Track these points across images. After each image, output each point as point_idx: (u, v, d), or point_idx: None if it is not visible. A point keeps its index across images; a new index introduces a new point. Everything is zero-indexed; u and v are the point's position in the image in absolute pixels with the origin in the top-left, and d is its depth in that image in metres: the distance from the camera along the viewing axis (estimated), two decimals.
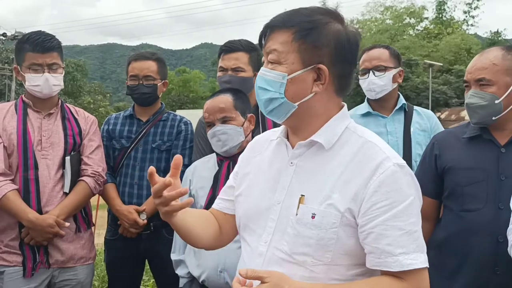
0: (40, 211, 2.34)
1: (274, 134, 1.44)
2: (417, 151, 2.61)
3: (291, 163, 1.33)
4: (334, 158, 1.28)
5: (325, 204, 1.24)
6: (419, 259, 1.21)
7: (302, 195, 1.27)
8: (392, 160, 1.24)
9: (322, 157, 1.29)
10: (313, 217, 1.24)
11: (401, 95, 2.78)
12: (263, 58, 1.36)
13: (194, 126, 2.81)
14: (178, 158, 1.32)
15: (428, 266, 1.24)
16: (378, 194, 1.21)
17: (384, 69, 2.65)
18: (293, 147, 1.34)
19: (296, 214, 1.27)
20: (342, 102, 1.36)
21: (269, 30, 1.31)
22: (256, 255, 1.33)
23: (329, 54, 1.26)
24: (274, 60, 1.28)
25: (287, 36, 1.26)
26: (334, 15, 1.29)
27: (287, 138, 1.38)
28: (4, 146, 2.36)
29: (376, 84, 2.65)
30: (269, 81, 1.29)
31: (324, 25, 1.26)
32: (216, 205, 1.56)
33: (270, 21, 1.32)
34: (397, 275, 1.22)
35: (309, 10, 1.30)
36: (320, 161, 1.29)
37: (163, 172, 2.75)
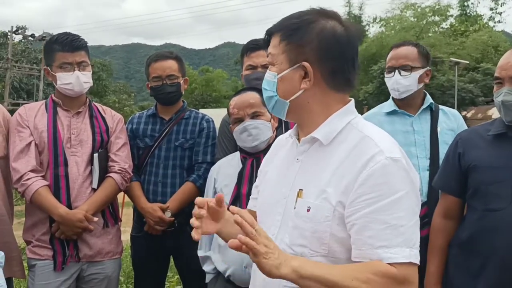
0: (69, 207, 2.40)
1: (289, 133, 1.50)
2: (445, 151, 2.56)
3: (297, 159, 1.40)
4: (333, 154, 1.32)
5: (320, 198, 1.28)
6: (402, 254, 1.20)
7: (300, 190, 1.33)
8: (385, 154, 1.24)
9: (323, 153, 1.34)
10: (308, 210, 1.29)
11: (428, 94, 2.71)
12: None
13: (217, 125, 2.84)
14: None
15: (415, 262, 1.22)
16: (364, 187, 1.22)
17: (410, 69, 2.57)
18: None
19: (295, 208, 1.32)
20: (349, 98, 1.40)
21: (268, 36, 1.40)
22: None
23: (314, 51, 1.31)
24: (269, 62, 1.38)
25: (277, 40, 1.35)
26: (324, 13, 1.34)
27: (298, 135, 1.44)
28: (35, 143, 2.44)
29: (400, 84, 2.58)
30: (266, 82, 1.39)
31: (309, 24, 1.32)
32: (249, 205, 1.64)
33: (269, 28, 1.40)
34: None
35: (300, 12, 1.37)
36: (320, 157, 1.34)
37: (186, 169, 2.79)
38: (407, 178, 1.26)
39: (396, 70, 2.59)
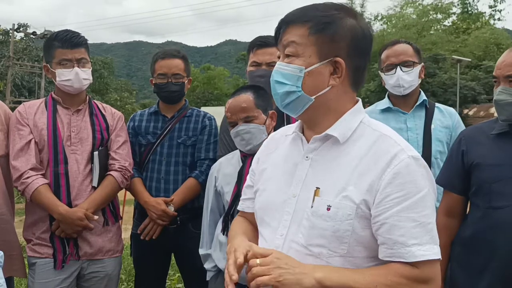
0: (70, 205, 2.39)
1: (289, 130, 1.46)
2: (438, 148, 2.58)
3: (307, 157, 1.35)
4: (349, 152, 1.30)
5: (341, 196, 1.26)
6: (432, 251, 1.22)
7: (317, 188, 1.30)
8: (407, 152, 1.26)
9: (337, 150, 1.31)
10: (328, 209, 1.26)
11: (422, 92, 2.74)
12: (278, 53, 1.39)
13: (219, 123, 2.83)
14: None
15: (440, 258, 1.23)
16: (392, 186, 1.22)
17: (412, 64, 2.62)
18: (308, 142, 1.37)
19: (312, 207, 1.29)
20: (357, 97, 1.38)
21: (285, 25, 1.33)
22: (272, 248, 1.34)
23: (346, 47, 1.28)
24: (292, 52, 1.31)
25: (304, 30, 1.29)
26: (347, 10, 1.32)
27: (303, 133, 1.40)
28: (35, 141, 2.43)
29: (405, 79, 2.60)
30: (286, 75, 1.31)
31: (341, 19, 1.29)
32: (240, 206, 1.60)
33: (286, 16, 1.35)
34: (410, 264, 1.22)
35: (323, 5, 1.33)
36: (335, 155, 1.31)
37: (189, 166, 2.79)
38: (427, 176, 1.27)
39: (398, 67, 2.61)
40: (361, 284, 1.19)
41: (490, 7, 35.49)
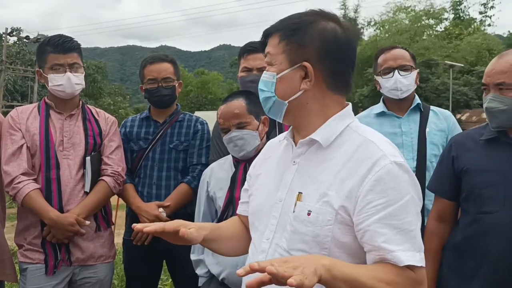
0: (61, 210, 2.38)
1: (284, 135, 1.48)
2: (433, 152, 2.57)
3: (294, 162, 1.37)
4: (334, 156, 1.30)
5: (321, 202, 1.26)
6: (415, 258, 1.20)
7: (299, 193, 1.30)
8: (390, 158, 1.24)
9: (322, 155, 1.32)
10: (308, 214, 1.26)
11: (416, 95, 2.75)
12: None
13: (211, 127, 2.83)
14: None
15: (424, 266, 1.22)
16: (373, 193, 1.21)
17: (410, 68, 2.63)
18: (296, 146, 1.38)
19: (294, 211, 1.30)
20: (347, 102, 1.39)
21: (265, 37, 1.38)
22: (259, 252, 1.36)
23: (315, 51, 1.29)
24: (268, 62, 1.36)
25: (276, 40, 1.33)
26: (324, 15, 1.33)
27: (293, 138, 1.41)
28: (27, 146, 2.42)
29: (402, 83, 2.61)
30: (264, 82, 1.36)
31: (309, 24, 1.30)
32: (238, 209, 1.61)
33: (266, 29, 1.38)
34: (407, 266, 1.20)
35: (300, 13, 1.35)
36: (320, 160, 1.32)
37: (181, 172, 2.78)
38: (410, 182, 1.26)
39: (396, 70, 2.62)
40: (365, 276, 1.15)
41: (481, 13, 35.79)
